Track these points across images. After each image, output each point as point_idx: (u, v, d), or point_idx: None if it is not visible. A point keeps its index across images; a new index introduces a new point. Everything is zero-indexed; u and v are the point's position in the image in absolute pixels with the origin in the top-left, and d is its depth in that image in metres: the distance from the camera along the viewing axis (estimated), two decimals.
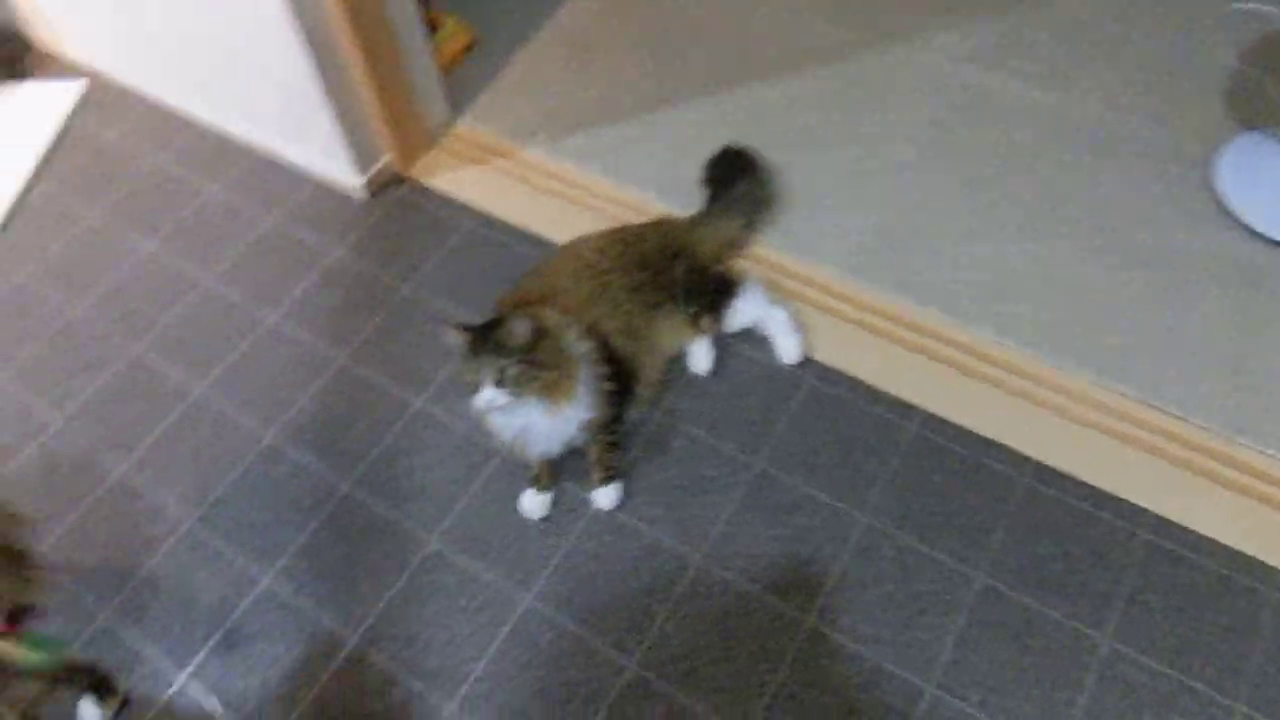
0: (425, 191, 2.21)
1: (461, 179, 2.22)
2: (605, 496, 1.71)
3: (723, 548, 1.67)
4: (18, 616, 1.38)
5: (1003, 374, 1.82)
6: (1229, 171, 2.05)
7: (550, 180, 2.19)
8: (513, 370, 1.45)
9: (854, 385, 1.83)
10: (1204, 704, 1.48)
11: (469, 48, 2.49)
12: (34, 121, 2.50)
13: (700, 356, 1.86)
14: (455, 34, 2.45)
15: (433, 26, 2.37)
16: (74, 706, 1.57)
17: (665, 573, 1.65)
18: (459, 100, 2.36)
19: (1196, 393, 1.77)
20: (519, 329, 1.46)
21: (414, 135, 2.22)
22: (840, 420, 1.79)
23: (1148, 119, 2.19)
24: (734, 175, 2.03)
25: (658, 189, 2.14)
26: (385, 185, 2.23)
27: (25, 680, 1.35)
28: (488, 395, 1.45)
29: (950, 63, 2.35)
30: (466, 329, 1.48)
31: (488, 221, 2.14)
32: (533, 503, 1.72)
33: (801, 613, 1.60)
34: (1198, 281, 1.92)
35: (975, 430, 1.76)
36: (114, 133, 2.46)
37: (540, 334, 1.49)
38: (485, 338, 1.47)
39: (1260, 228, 1.96)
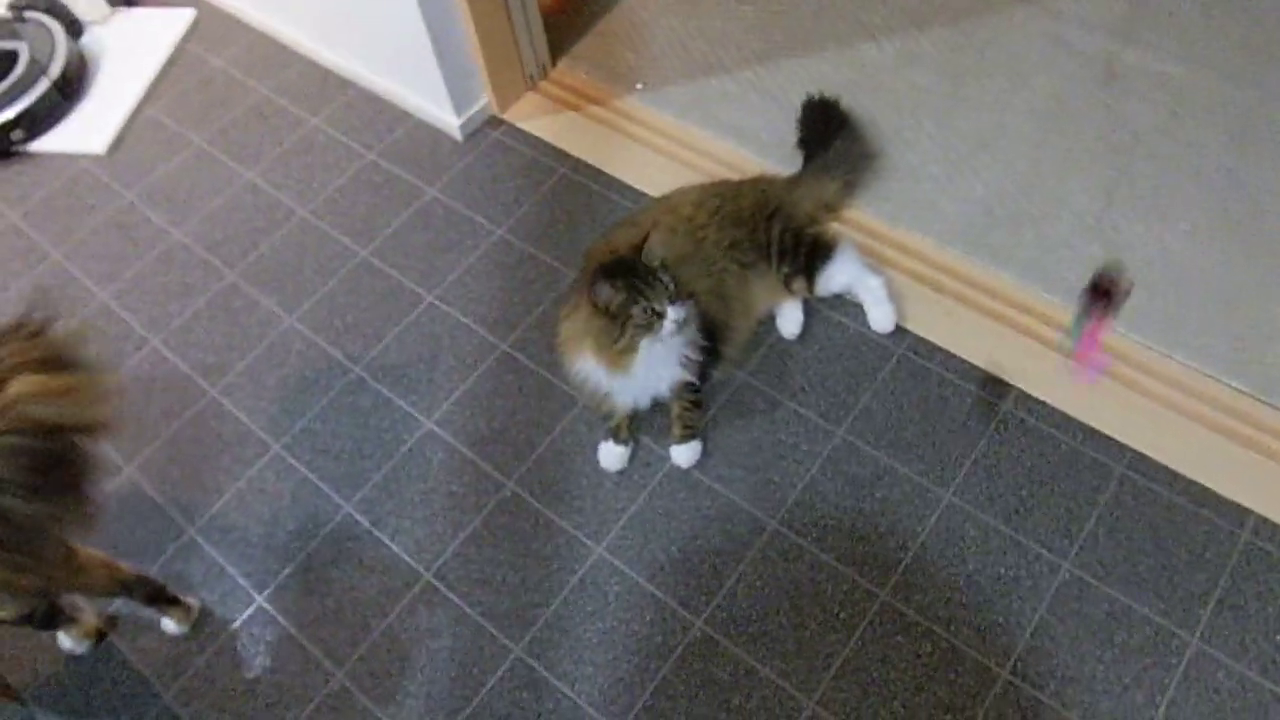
0: (521, 135, 2.20)
1: (557, 124, 2.20)
2: (683, 454, 1.70)
3: (799, 515, 1.65)
4: None
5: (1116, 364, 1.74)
6: None
7: (646, 130, 2.16)
8: (673, 282, 1.45)
9: (946, 359, 1.78)
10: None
11: None
12: (144, 48, 2.55)
13: (790, 319, 1.82)
14: None
15: None
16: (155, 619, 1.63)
17: (738, 535, 1.64)
18: (559, 45, 2.33)
19: None
20: (656, 247, 1.47)
21: (513, 78, 2.21)
22: (930, 395, 1.74)
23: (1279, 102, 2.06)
24: (829, 133, 1.97)
25: (756, 146, 2.09)
26: (482, 127, 2.23)
27: None
28: (675, 313, 1.43)
29: (1078, 31, 2.23)
30: (612, 273, 1.44)
31: (581, 167, 2.12)
32: (611, 455, 1.71)
33: (876, 586, 1.57)
34: None
35: (1072, 414, 1.69)
36: (221, 61, 2.50)
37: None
38: (636, 267, 1.45)
39: None
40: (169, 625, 1.63)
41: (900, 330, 1.82)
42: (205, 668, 1.60)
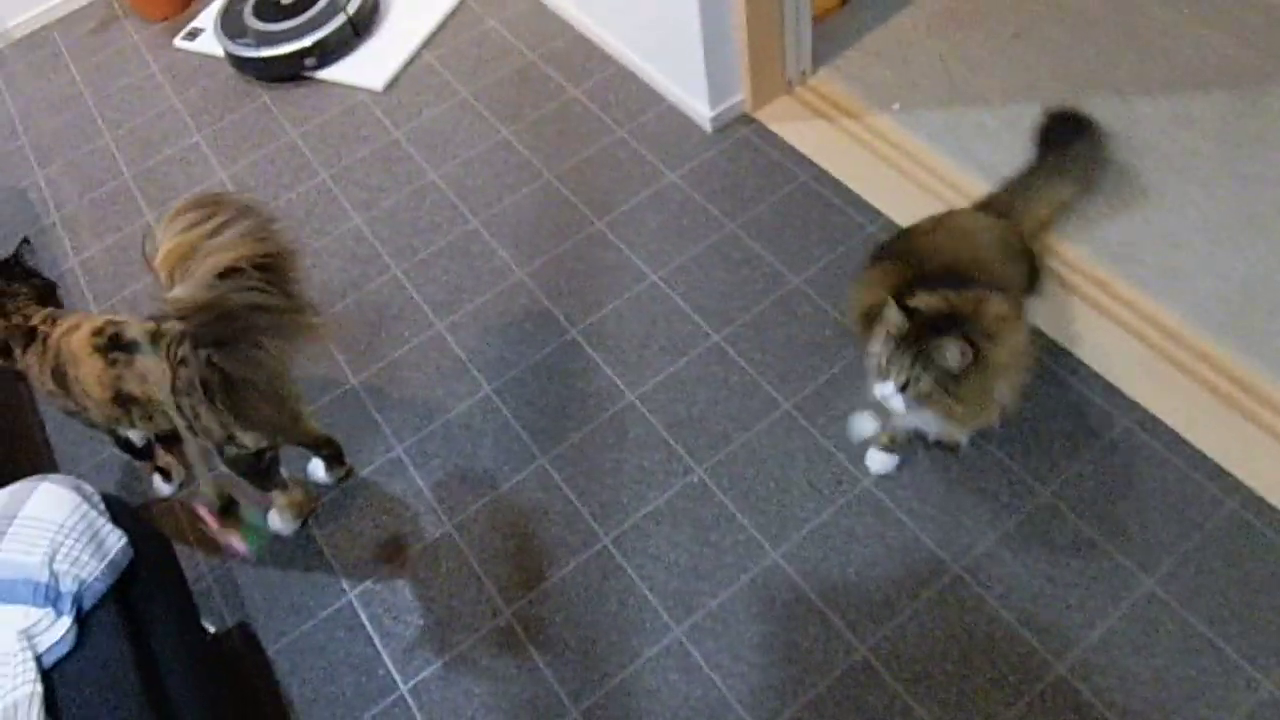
0: (769, 136, 2.22)
1: (807, 131, 2.21)
2: (879, 461, 1.70)
3: (985, 565, 1.60)
4: (229, 510, 1.79)
5: None
6: None
7: (895, 151, 2.14)
8: (924, 386, 1.36)
9: (1174, 440, 1.68)
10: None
11: (844, 2, 2.45)
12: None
13: None
14: None
15: None
16: (307, 461, 1.82)
17: (918, 571, 1.61)
18: (822, 53, 2.34)
19: None
20: (953, 354, 1.33)
21: (772, 79, 2.23)
22: (1151, 473, 1.65)
23: None
24: (1071, 135, 1.89)
25: (993, 174, 2.03)
26: (733, 122, 2.26)
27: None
28: (887, 391, 1.39)
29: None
30: (908, 312, 1.37)
31: (823, 178, 2.12)
32: (879, 461, 1.71)
33: (1054, 657, 1.51)
34: None
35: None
36: (497, 21, 2.64)
37: (975, 365, 1.35)
38: (918, 337, 1.36)
39: None
40: (322, 474, 1.84)
41: (1130, 402, 1.73)
42: (389, 580, 1.72)
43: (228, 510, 1.82)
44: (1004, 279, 1.54)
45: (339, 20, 2.60)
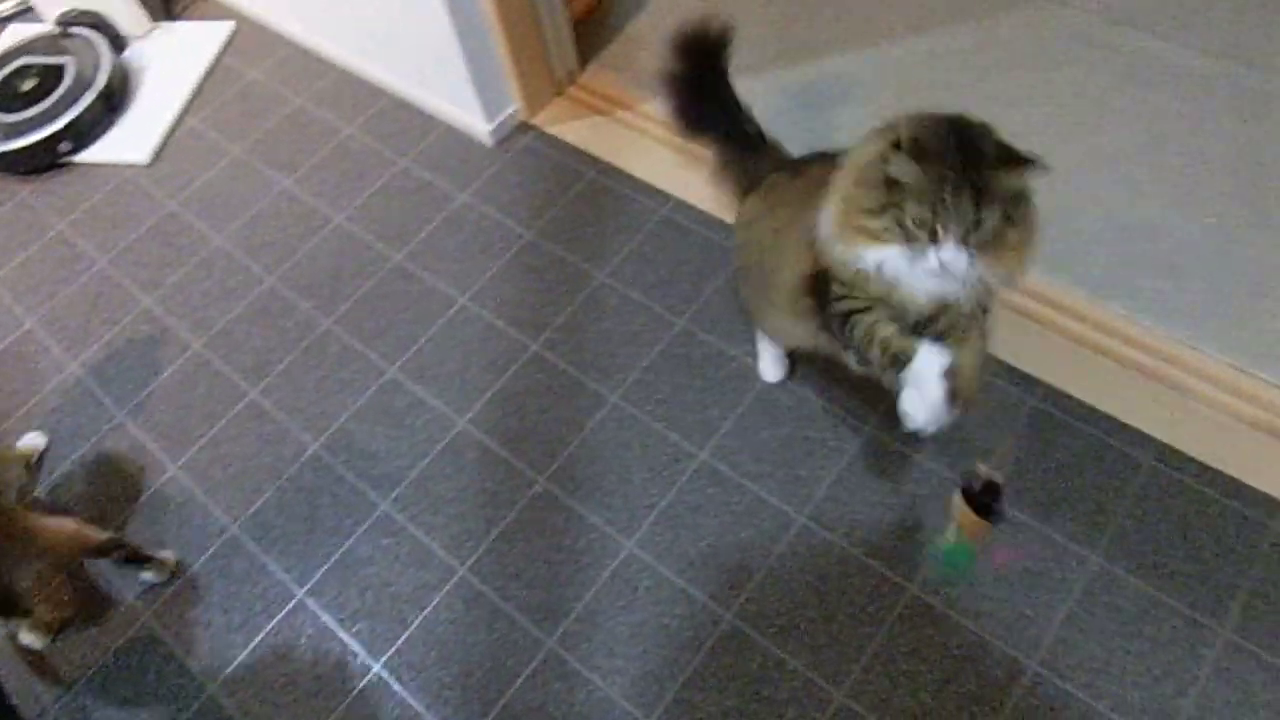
0: (550, 140, 2.24)
1: (585, 129, 2.24)
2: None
3: (827, 510, 1.66)
4: None
5: (1135, 353, 1.75)
6: None
7: (671, 133, 2.18)
8: (992, 223, 1.09)
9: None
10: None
11: None
12: (185, 60, 2.62)
13: None
14: None
15: None
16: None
17: (767, 529, 1.66)
18: (587, 51, 2.37)
19: None
20: (1015, 176, 1.10)
21: (542, 84, 2.25)
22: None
23: None
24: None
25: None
26: (512, 133, 2.27)
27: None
28: (947, 255, 1.10)
29: (1103, 24, 2.23)
30: (925, 147, 1.09)
31: (609, 171, 2.15)
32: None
33: (905, 580, 1.58)
34: None
35: (1099, 407, 1.70)
36: (258, 72, 2.56)
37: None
38: (965, 166, 1.08)
39: None
40: (148, 577, 1.73)
41: None
42: (251, 660, 1.65)
43: None
44: None
45: (89, 98, 2.47)
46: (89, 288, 2.19)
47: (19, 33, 2.66)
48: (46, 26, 2.62)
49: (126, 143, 2.47)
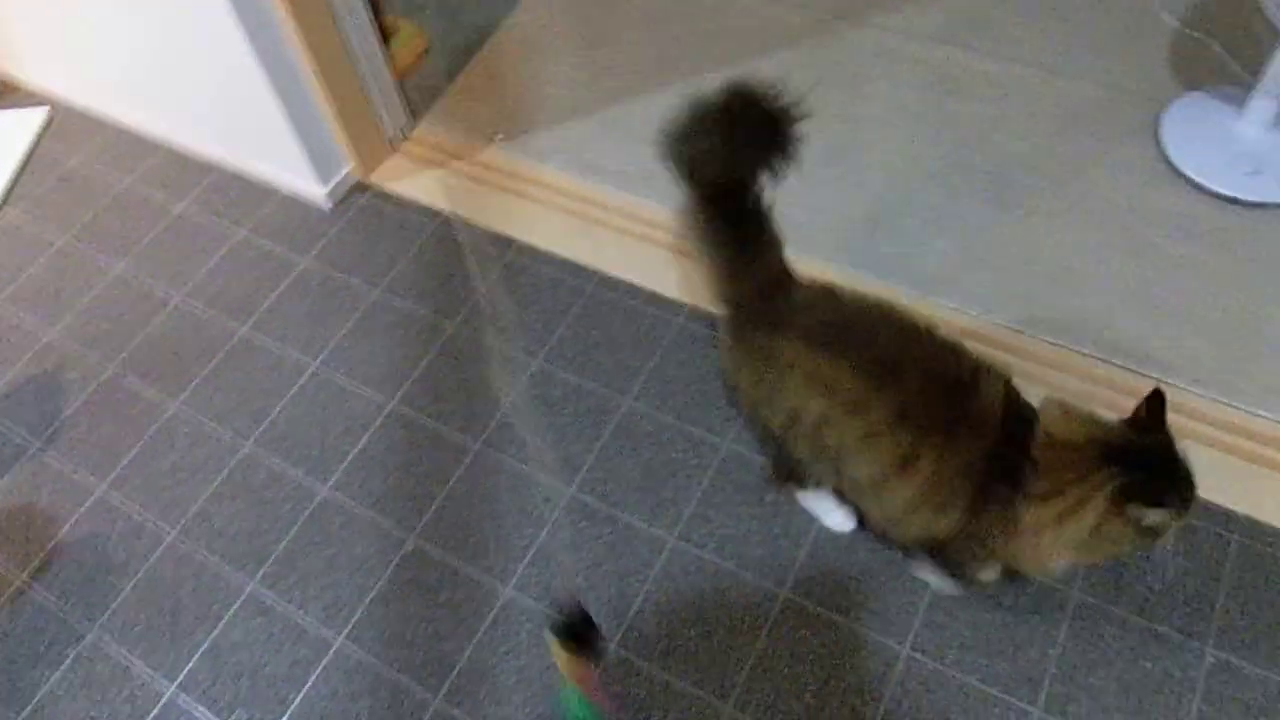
0: (389, 197, 2.24)
1: (423, 182, 2.24)
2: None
3: (696, 528, 1.70)
4: None
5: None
6: (1174, 131, 2.08)
7: (509, 179, 2.22)
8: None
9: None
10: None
11: (425, 53, 2.51)
12: None
13: None
14: (410, 40, 2.47)
15: (387, 34, 2.38)
16: None
17: (639, 555, 1.68)
18: (417, 105, 2.38)
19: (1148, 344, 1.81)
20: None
21: (374, 143, 2.25)
22: None
23: (1099, 85, 2.23)
24: None
25: (619, 181, 2.17)
26: (349, 194, 2.26)
27: None
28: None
29: (910, 42, 2.38)
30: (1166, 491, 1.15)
31: (451, 222, 2.16)
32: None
33: (777, 586, 1.62)
34: (1147, 238, 1.96)
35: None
36: (79, 157, 2.48)
37: None
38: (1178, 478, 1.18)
39: (1205, 183, 2.00)
40: None
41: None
42: None
43: None
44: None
45: None
46: None
47: None
48: None
49: None
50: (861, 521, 1.65)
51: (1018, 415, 1.25)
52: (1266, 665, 1.50)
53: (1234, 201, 1.99)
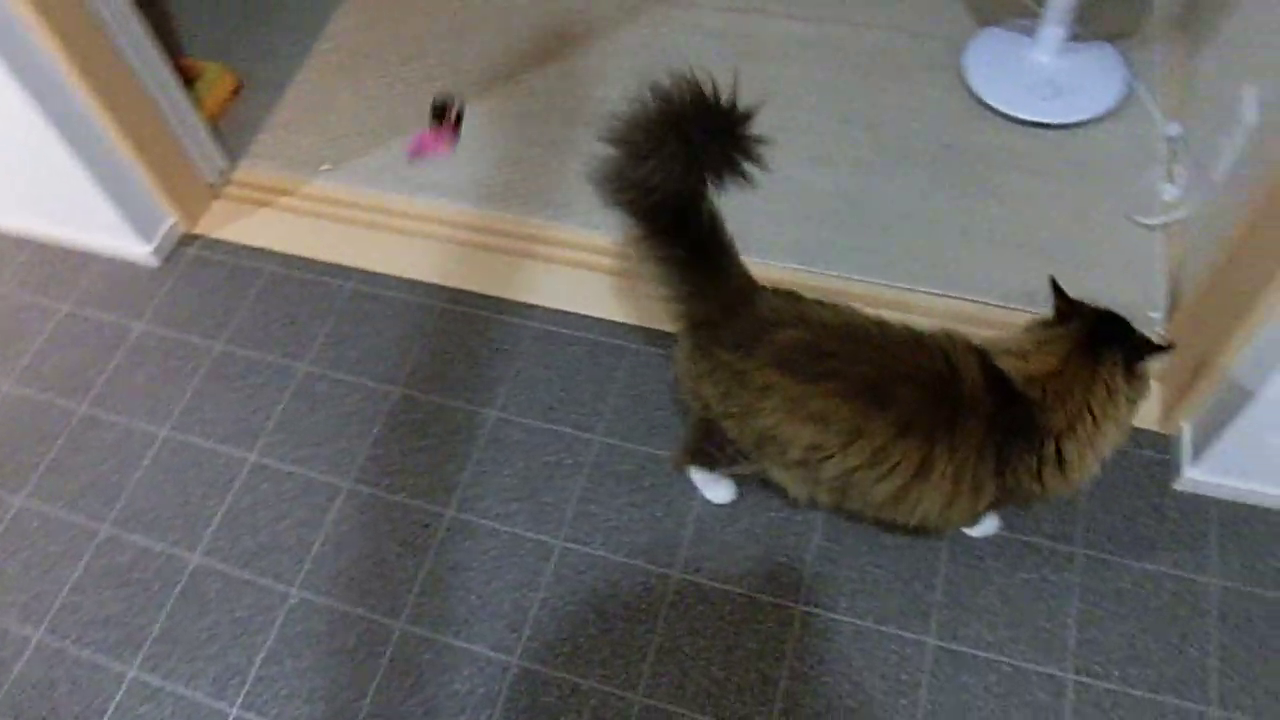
0: (218, 245, 2.15)
1: (253, 225, 2.17)
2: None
3: (580, 525, 1.69)
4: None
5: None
6: (977, 68, 2.18)
7: (342, 208, 2.16)
8: None
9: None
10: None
11: (236, 91, 2.42)
12: None
13: None
14: (218, 80, 2.38)
15: (190, 77, 2.29)
16: None
17: (528, 563, 1.67)
18: (235, 146, 2.30)
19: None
20: None
21: (194, 191, 2.16)
22: (637, 375, 1.84)
23: (902, 34, 2.31)
24: None
25: (452, 195, 2.14)
26: (176, 247, 2.16)
27: None
28: None
29: (715, 14, 2.41)
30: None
31: (288, 261, 2.10)
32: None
33: (668, 568, 1.64)
34: (968, 172, 2.05)
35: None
36: None
37: None
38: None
39: (1012, 113, 2.10)
40: None
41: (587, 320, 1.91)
42: None
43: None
44: None
45: None
46: None
47: None
48: None
49: None
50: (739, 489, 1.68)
51: (995, 375, 1.28)
52: (1133, 555, 1.59)
53: (1040, 126, 2.09)
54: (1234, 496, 1.63)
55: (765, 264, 1.94)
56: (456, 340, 1.94)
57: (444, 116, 1.46)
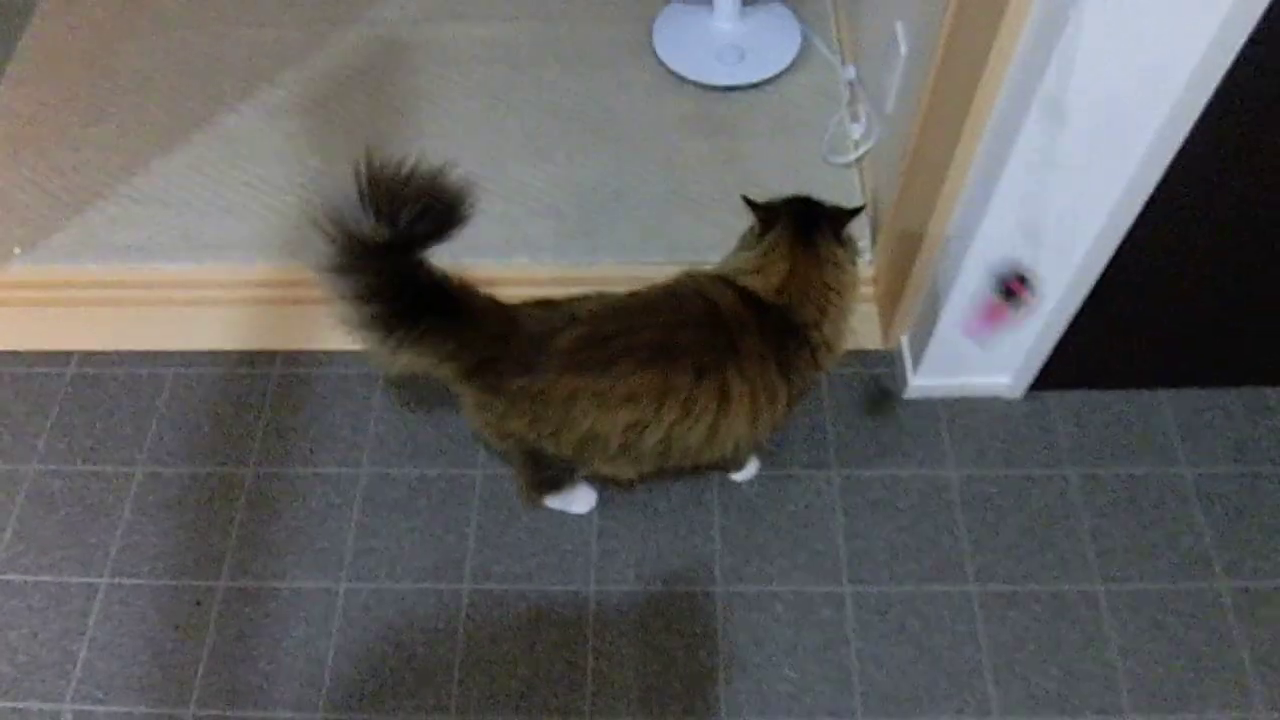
0: None
1: None
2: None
3: (361, 564, 1.66)
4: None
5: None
6: (665, 43, 2.28)
7: (45, 290, 2.01)
8: None
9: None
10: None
11: None
12: None
13: None
14: None
15: None
16: None
17: (316, 615, 1.62)
18: None
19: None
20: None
21: None
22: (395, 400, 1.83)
23: (590, 19, 2.38)
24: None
25: (162, 254, 2.03)
26: None
27: None
28: None
29: (407, 26, 2.40)
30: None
31: None
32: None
33: (455, 582, 1.64)
34: (672, 143, 2.14)
35: None
36: None
37: None
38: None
39: (703, 80, 2.22)
40: None
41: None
42: None
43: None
44: None
45: None
46: None
47: None
48: None
49: None
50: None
51: (745, 293, 1.37)
52: (880, 466, 1.73)
53: (732, 89, 2.21)
54: (953, 393, 1.80)
55: (502, 263, 1.97)
56: (194, 403, 1.85)
57: (1014, 291, 1.36)
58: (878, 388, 1.83)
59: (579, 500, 1.69)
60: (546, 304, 1.36)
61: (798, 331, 1.37)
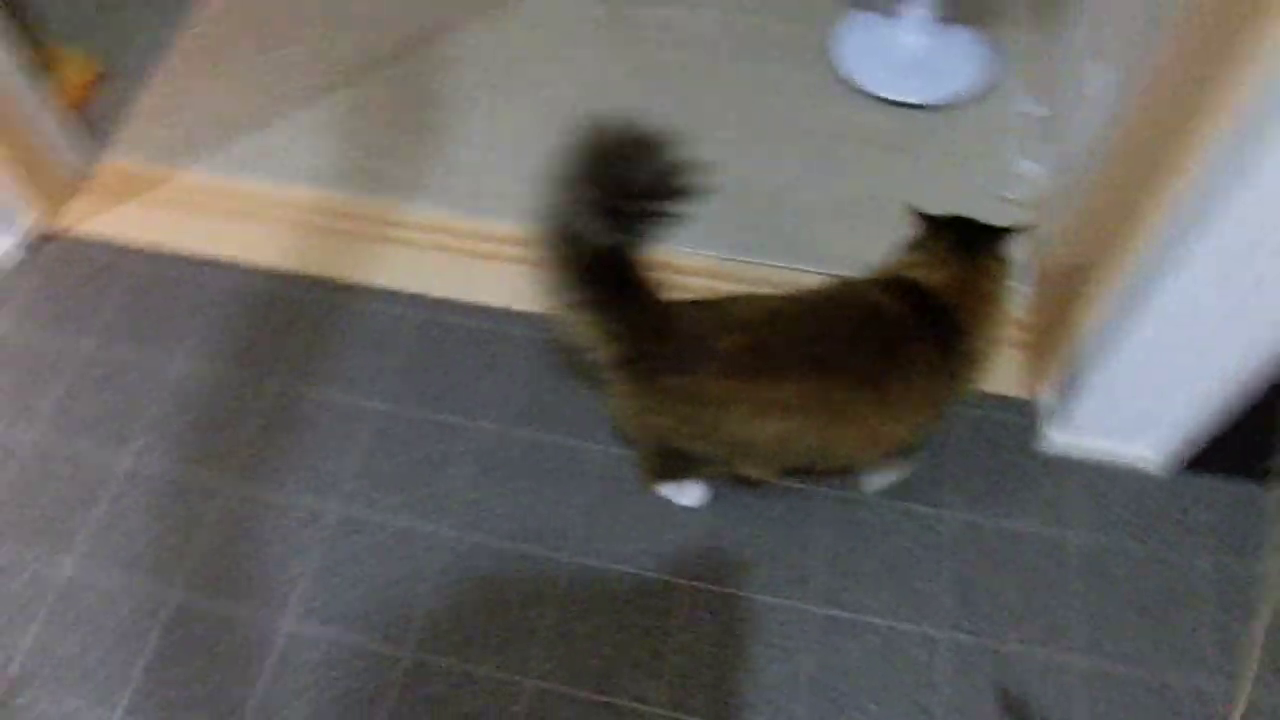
0: (84, 242, 2.06)
1: (120, 218, 2.08)
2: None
3: (468, 515, 1.69)
4: None
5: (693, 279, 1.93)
6: (845, 51, 2.23)
7: (215, 198, 2.10)
8: None
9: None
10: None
11: (97, 79, 2.32)
12: None
13: None
14: (77, 68, 2.27)
15: (48, 65, 2.19)
16: None
17: (419, 555, 1.66)
18: (99, 136, 2.21)
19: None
20: None
21: (54, 185, 2.06)
22: (540, 364, 1.85)
23: (773, 17, 2.35)
24: None
25: (330, 178, 2.10)
26: (37, 244, 2.06)
27: None
28: None
29: (595, 4, 2.41)
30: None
31: (159, 257, 2.02)
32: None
33: (555, 552, 1.65)
34: (837, 152, 2.10)
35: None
36: None
37: None
38: None
39: (880, 93, 2.17)
40: None
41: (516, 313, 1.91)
42: None
43: None
44: None
45: None
46: None
47: None
48: None
49: None
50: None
51: (905, 294, 1.38)
52: (999, 516, 1.67)
53: (909, 106, 2.16)
54: (1091, 455, 1.73)
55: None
56: (338, 331, 1.91)
57: None
58: (1009, 434, 1.76)
59: (689, 493, 1.68)
60: (701, 304, 1.35)
61: (959, 334, 1.36)
